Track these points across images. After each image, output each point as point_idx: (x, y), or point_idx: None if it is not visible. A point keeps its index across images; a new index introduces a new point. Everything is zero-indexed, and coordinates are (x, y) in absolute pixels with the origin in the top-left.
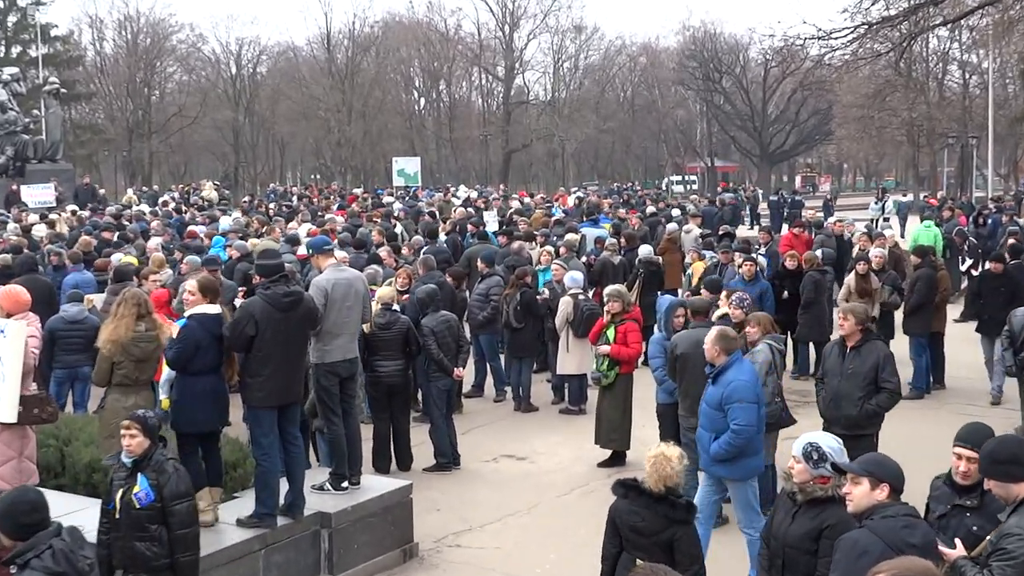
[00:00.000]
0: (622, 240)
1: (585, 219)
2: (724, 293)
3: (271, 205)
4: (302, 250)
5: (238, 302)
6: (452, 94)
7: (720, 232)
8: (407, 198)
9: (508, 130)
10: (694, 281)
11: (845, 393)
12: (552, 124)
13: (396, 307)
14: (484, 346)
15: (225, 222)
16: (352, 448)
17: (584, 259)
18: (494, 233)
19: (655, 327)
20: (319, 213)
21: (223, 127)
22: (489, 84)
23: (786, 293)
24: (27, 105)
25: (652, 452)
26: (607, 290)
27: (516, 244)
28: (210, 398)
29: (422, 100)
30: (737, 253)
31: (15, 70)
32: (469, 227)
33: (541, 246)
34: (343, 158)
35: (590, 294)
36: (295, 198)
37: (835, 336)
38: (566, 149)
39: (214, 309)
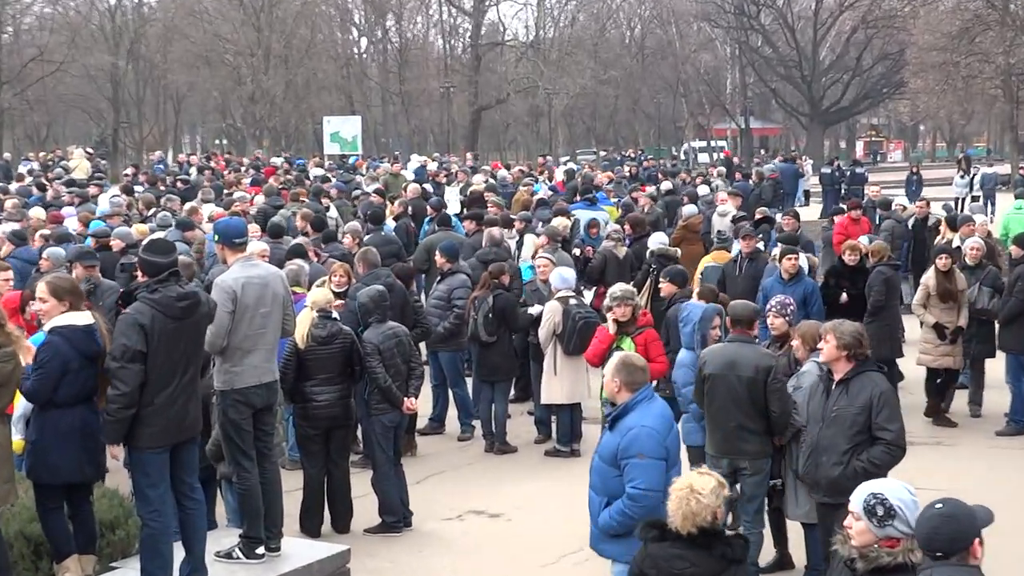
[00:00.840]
0: (627, 226)
1: (578, 198)
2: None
3: (162, 180)
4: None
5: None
6: (403, 33)
7: (757, 217)
8: (343, 171)
9: (477, 81)
10: (693, 283)
11: (827, 444)
12: (535, 73)
13: (336, 315)
14: (445, 367)
15: (102, 203)
16: (270, 502)
17: (577, 251)
18: (458, 216)
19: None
20: (226, 191)
21: (98, 76)
22: (453, 20)
23: (845, 295)
24: None
25: (677, 484)
26: (612, 291)
27: (495, 231)
28: (78, 439)
29: (363, 40)
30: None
31: None
32: (428, 209)
33: (521, 234)
34: (258, 117)
35: (586, 297)
36: (194, 170)
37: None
38: (554, 106)
39: (83, 319)
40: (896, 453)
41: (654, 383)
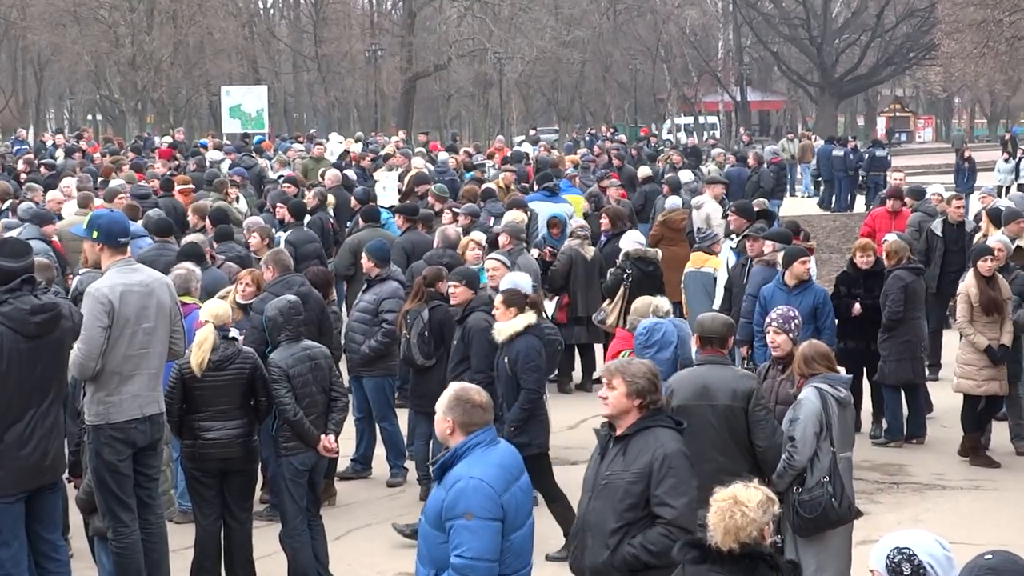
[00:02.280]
0: (603, 221)
1: (537, 188)
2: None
3: (21, 163)
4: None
5: None
6: None
7: (755, 209)
8: (246, 154)
9: (411, 43)
10: (680, 294)
11: (594, 522)
12: (482, 33)
13: (236, 334)
14: (371, 396)
15: None
16: (154, 564)
17: (536, 252)
18: (391, 210)
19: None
20: (102, 178)
21: None
22: None
23: (857, 306)
24: None
25: (719, 495)
26: (636, 305)
27: (451, 230)
28: None
29: None
30: (769, 242)
31: None
32: (352, 201)
33: (465, 231)
34: (140, 88)
35: (549, 309)
36: (60, 152)
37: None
38: (506, 74)
39: None
40: (678, 538)
41: None
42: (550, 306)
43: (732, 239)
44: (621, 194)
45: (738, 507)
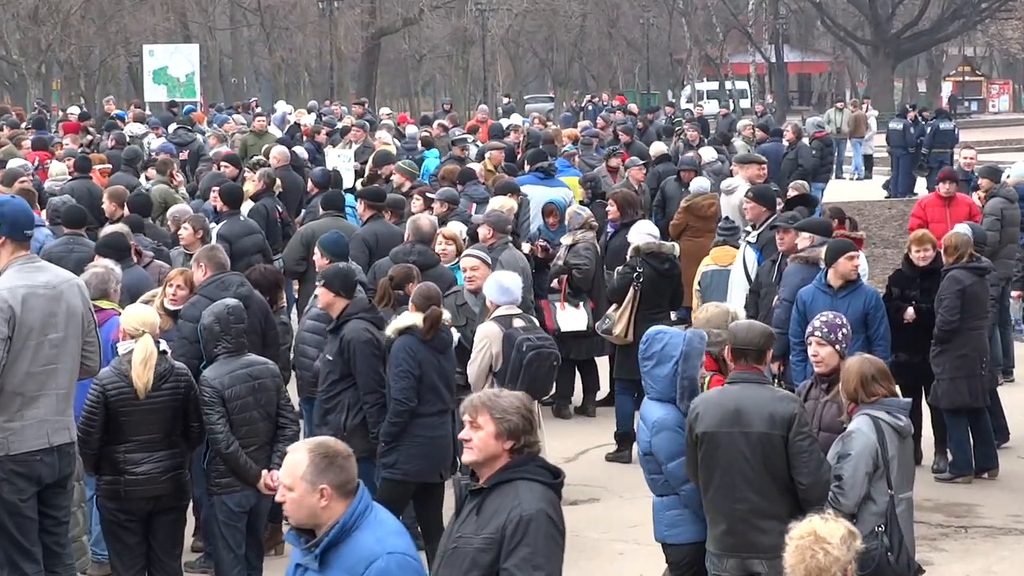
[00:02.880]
0: (611, 209)
1: (528, 169)
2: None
3: None
4: None
5: None
6: None
7: (791, 194)
8: (181, 127)
9: None
10: (692, 298)
11: None
12: None
13: (166, 346)
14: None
15: None
16: None
17: (527, 246)
18: (352, 193)
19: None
20: None
21: None
22: None
23: (911, 311)
24: None
25: (797, 531)
26: (703, 312)
27: (424, 220)
28: None
29: None
30: (805, 234)
31: None
32: (309, 185)
33: (443, 221)
34: (44, 47)
35: (570, 316)
36: None
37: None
38: (490, 30)
39: None
40: None
41: None
42: (574, 315)
43: (750, 231)
44: (640, 175)
45: (819, 544)
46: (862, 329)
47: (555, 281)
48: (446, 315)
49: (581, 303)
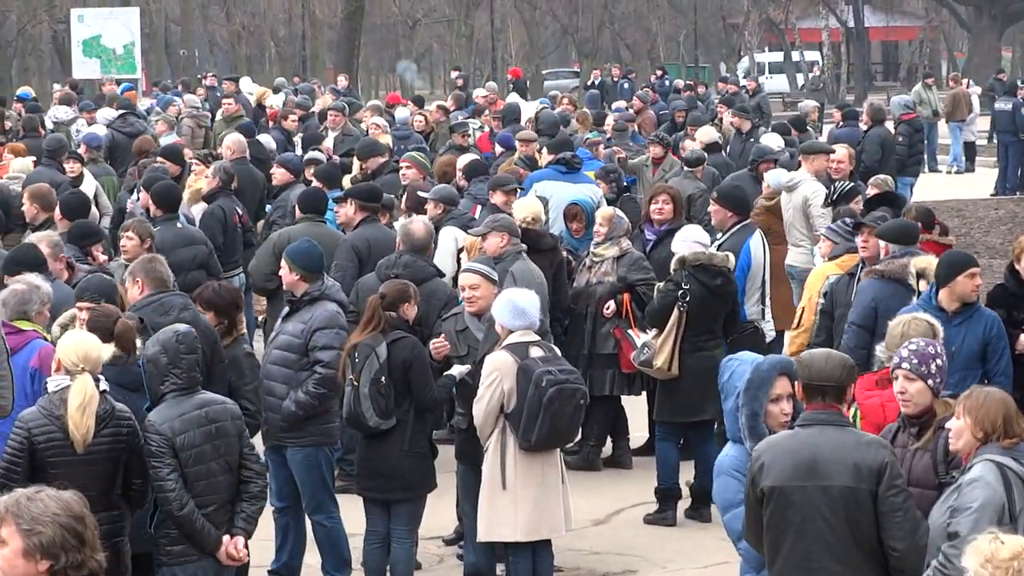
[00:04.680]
0: (665, 207)
1: (550, 162)
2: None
3: None
4: None
5: None
6: None
7: (870, 192)
8: (128, 112)
9: None
10: (805, 315)
11: None
12: None
13: (105, 385)
14: (299, 476)
15: None
16: None
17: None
18: (333, 197)
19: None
20: None
21: None
22: None
23: (1022, 338)
24: None
25: (1002, 555)
26: (898, 327)
27: (418, 225)
28: None
29: None
30: (883, 241)
31: None
32: (273, 173)
33: (437, 226)
34: None
35: (554, 349)
36: None
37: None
38: None
39: None
40: None
41: None
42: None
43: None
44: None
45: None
46: (978, 364)
47: (610, 304)
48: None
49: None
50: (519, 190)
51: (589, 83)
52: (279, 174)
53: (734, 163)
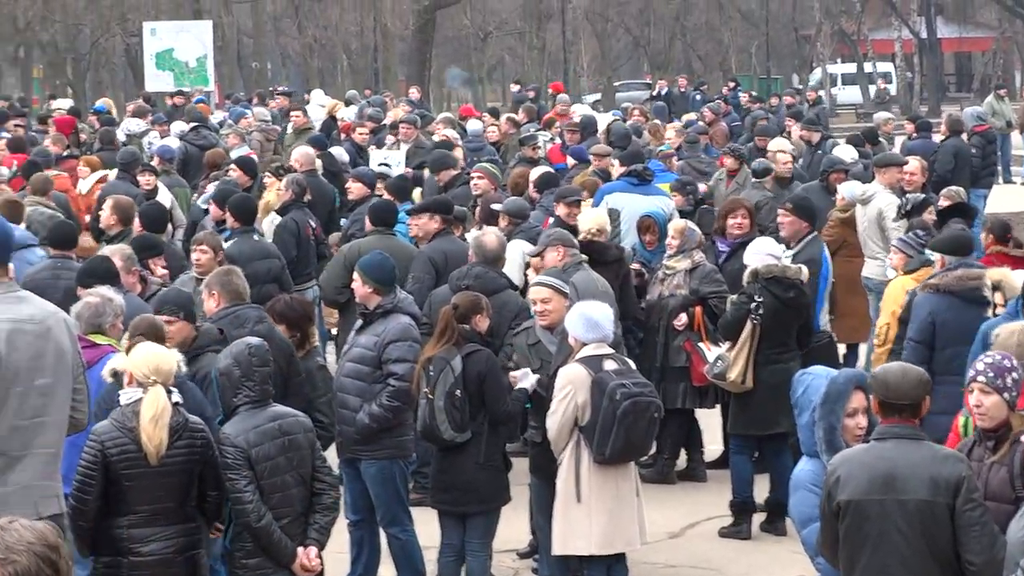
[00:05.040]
0: (742, 221)
1: (622, 174)
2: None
3: None
4: None
5: None
6: None
7: (942, 203)
8: (201, 125)
9: None
10: (887, 329)
11: None
12: None
13: (178, 397)
14: (373, 489)
15: None
16: None
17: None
18: (406, 210)
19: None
20: None
21: None
22: None
23: None
24: None
25: None
26: (1011, 335)
27: (491, 237)
28: None
29: None
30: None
31: None
32: (349, 188)
33: (508, 233)
34: (21, 26)
35: (628, 362)
36: None
37: None
38: (570, 1)
39: None
40: None
41: None
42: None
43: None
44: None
45: None
46: None
47: (681, 317)
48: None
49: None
50: (583, 202)
51: (655, 94)
52: (355, 188)
53: (805, 174)
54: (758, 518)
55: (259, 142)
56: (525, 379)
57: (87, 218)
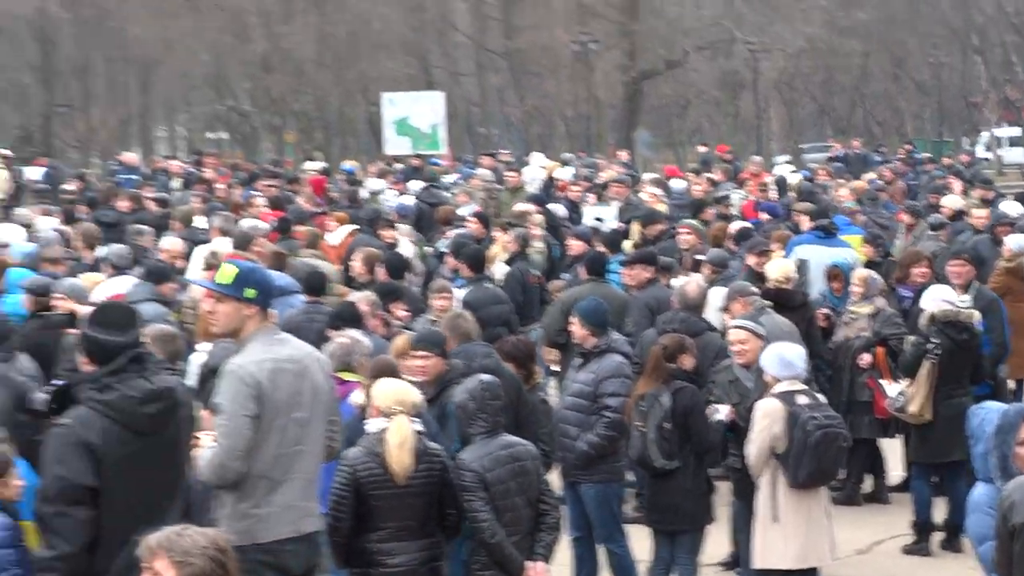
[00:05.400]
0: (921, 272)
1: (809, 227)
2: None
3: (125, 198)
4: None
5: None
6: None
7: None
8: (425, 186)
9: (635, 32)
10: None
11: None
12: (730, 18)
13: (420, 426)
14: (592, 509)
15: (14, 237)
16: None
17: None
18: (619, 261)
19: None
20: (230, 215)
21: (16, 30)
22: None
23: None
24: None
25: None
26: None
27: (692, 286)
28: None
29: None
30: None
31: None
32: (569, 244)
33: (711, 280)
34: (276, 96)
35: (818, 397)
36: (176, 183)
37: None
38: (762, 72)
39: None
40: None
41: None
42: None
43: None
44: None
45: None
46: None
47: (865, 356)
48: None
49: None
50: (774, 252)
51: (831, 156)
52: (575, 245)
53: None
54: (937, 537)
55: (483, 200)
56: (720, 412)
57: (338, 267)
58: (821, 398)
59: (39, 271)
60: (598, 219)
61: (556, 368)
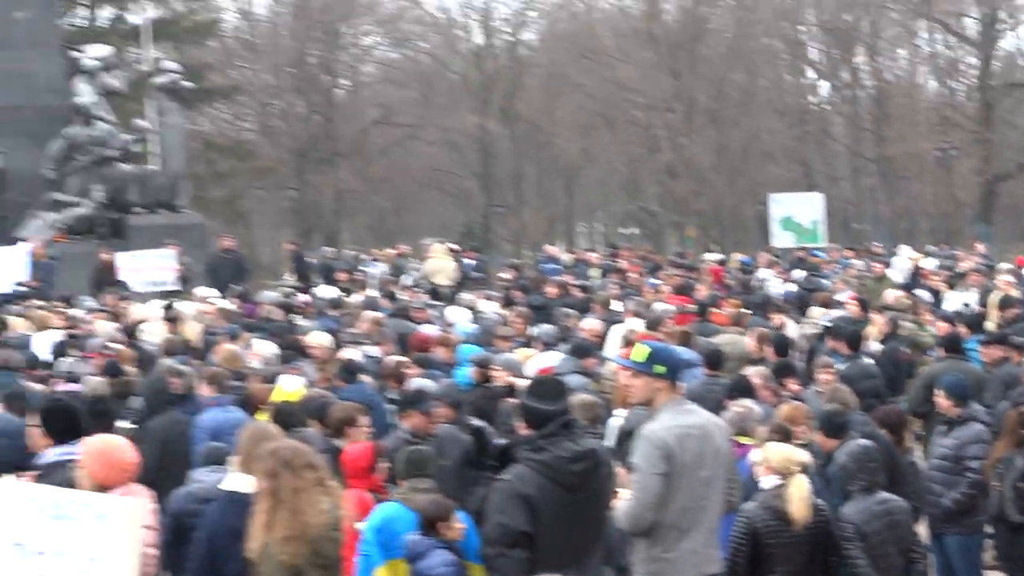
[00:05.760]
0: None
1: None
2: None
3: (553, 285)
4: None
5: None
6: (880, 74)
7: None
8: (808, 274)
9: (989, 139)
10: None
11: None
12: None
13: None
14: (954, 557)
15: (460, 318)
16: None
17: None
18: (980, 339)
19: None
20: (642, 299)
21: (461, 144)
22: (951, 54)
23: None
24: (126, 111)
25: None
26: None
27: None
28: None
29: (823, 85)
30: None
31: (107, 50)
32: (936, 326)
33: None
34: (679, 197)
35: None
36: (595, 272)
37: None
38: None
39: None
40: None
41: None
42: None
43: None
44: None
45: None
46: None
47: None
48: None
49: None
50: None
51: None
52: (941, 327)
53: None
54: None
55: (857, 287)
56: None
57: None
58: None
59: (487, 348)
60: (965, 304)
61: (921, 433)
